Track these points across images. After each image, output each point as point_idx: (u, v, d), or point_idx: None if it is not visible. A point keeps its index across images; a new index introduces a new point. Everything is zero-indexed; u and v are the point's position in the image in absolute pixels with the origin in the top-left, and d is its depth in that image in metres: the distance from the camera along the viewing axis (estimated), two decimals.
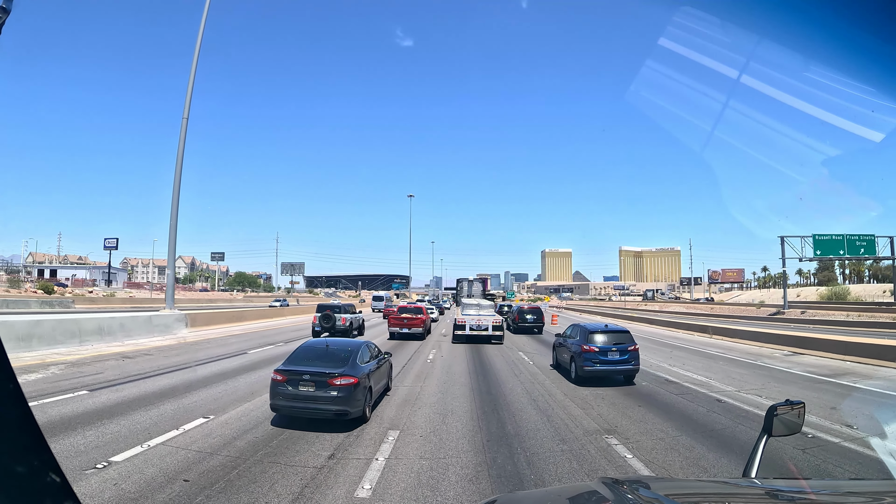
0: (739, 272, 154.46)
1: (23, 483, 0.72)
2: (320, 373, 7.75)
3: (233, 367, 13.55)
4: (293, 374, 7.77)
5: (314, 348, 8.90)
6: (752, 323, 40.16)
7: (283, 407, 7.79)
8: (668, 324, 37.37)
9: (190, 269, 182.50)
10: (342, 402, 7.60)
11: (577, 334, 13.18)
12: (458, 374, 13.80)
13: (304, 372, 7.79)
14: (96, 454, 6.14)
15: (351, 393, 7.68)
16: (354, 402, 7.76)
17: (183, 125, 23.57)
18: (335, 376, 7.67)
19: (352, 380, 7.75)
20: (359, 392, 7.87)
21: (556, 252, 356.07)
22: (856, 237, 54.02)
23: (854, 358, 16.45)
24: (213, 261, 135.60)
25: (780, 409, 2.09)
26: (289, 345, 19.32)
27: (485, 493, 5.36)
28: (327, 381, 7.63)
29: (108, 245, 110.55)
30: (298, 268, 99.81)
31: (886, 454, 4.47)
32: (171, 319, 21.04)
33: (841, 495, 1.88)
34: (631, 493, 1.61)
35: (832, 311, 53.98)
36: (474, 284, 62.90)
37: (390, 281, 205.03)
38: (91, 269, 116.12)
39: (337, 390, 7.62)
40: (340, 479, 5.72)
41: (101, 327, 17.72)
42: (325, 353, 8.63)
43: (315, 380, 7.67)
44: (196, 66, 24.19)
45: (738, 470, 2.26)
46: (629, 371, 12.49)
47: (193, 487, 5.26)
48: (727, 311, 72.49)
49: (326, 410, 7.60)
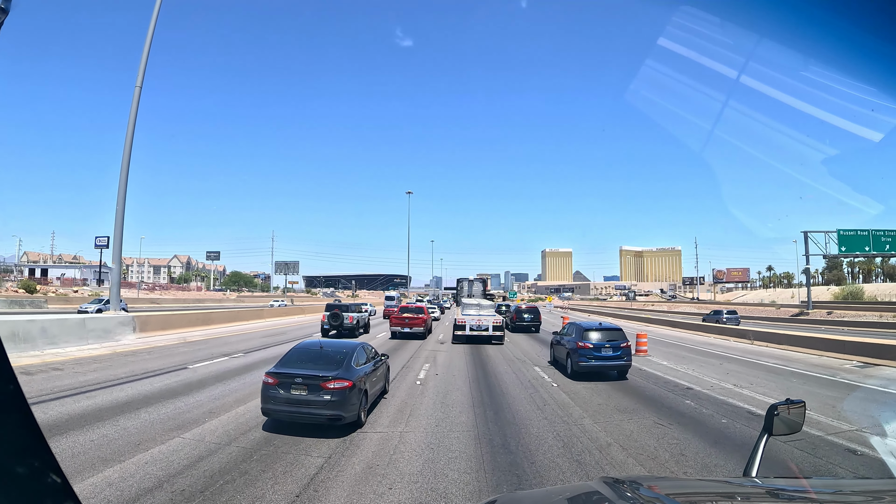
0: (744, 272, 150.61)
1: (23, 483, 0.73)
2: (313, 376, 7.38)
3: (153, 392, 9.96)
4: (285, 377, 7.37)
5: (308, 350, 8.49)
6: (780, 325, 36.68)
7: (275, 411, 7.42)
8: (693, 327, 33.76)
9: (186, 269, 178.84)
10: (336, 406, 7.23)
11: (573, 332, 13.73)
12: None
13: (297, 375, 7.40)
14: None
15: (345, 397, 7.33)
16: (349, 406, 7.40)
17: (135, 95, 20.15)
18: (329, 379, 7.33)
19: (346, 383, 7.42)
20: (354, 396, 7.53)
21: (557, 252, 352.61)
22: (881, 232, 50.21)
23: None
24: (209, 260, 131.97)
25: (780, 408, 2.06)
26: (248, 356, 16.00)
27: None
28: (320, 385, 7.27)
29: (100, 244, 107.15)
30: (293, 266, 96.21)
31: (887, 454, 4.51)
32: (113, 323, 17.38)
33: (841, 494, 1.86)
34: (631, 492, 1.61)
35: (859, 310, 50.32)
36: (474, 284, 62.53)
37: (389, 281, 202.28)
38: (83, 269, 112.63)
39: (331, 394, 7.25)
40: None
41: (15, 332, 14.19)
42: (318, 354, 8.25)
43: (308, 383, 7.30)
44: (154, 27, 20.71)
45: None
46: (622, 366, 13.10)
47: None
48: (742, 311, 68.92)
49: (320, 415, 7.23)
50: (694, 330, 32.05)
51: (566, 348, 13.67)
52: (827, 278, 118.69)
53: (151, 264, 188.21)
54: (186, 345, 18.10)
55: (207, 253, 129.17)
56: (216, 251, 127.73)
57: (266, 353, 16.27)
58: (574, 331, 13.71)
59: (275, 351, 15.95)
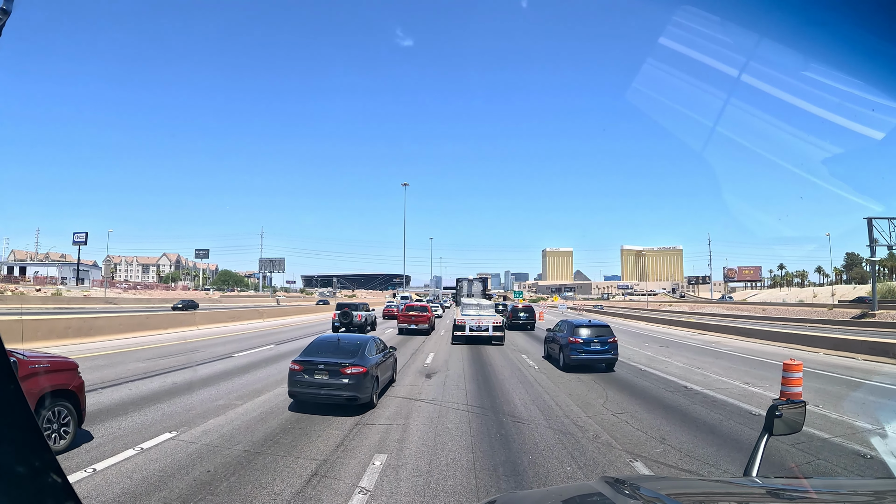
0: (756, 270, 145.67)
1: (24, 483, 0.72)
2: (333, 363, 8.63)
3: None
4: (309, 364, 8.66)
5: (327, 342, 9.89)
6: (852, 330, 31.07)
7: (300, 393, 8.66)
8: (732, 330, 28.46)
9: (175, 268, 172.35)
10: (353, 388, 8.48)
11: (565, 329, 15.07)
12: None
13: (319, 362, 8.66)
14: None
15: (360, 381, 8.57)
16: (363, 389, 8.63)
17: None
18: (346, 366, 8.57)
19: (361, 369, 8.65)
20: (367, 380, 8.75)
21: (557, 251, 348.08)
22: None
23: None
24: (197, 258, 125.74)
25: (781, 408, 2.05)
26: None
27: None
28: (340, 370, 8.53)
29: (77, 240, 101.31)
30: (278, 264, 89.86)
31: (888, 453, 4.49)
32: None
33: (842, 494, 1.83)
34: (632, 492, 1.59)
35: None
36: (474, 284, 61.84)
37: (388, 280, 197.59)
38: (61, 267, 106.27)
39: (348, 378, 8.50)
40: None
41: None
42: (336, 346, 9.57)
43: (329, 369, 8.56)
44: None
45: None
46: (609, 359, 14.21)
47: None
48: (782, 312, 63.04)
49: (339, 396, 8.49)
50: (732, 334, 26.92)
51: (559, 343, 14.92)
52: (850, 276, 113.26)
53: (140, 263, 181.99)
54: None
55: (196, 251, 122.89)
56: (205, 249, 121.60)
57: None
58: (566, 328, 15.02)
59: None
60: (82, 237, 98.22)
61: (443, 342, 21.89)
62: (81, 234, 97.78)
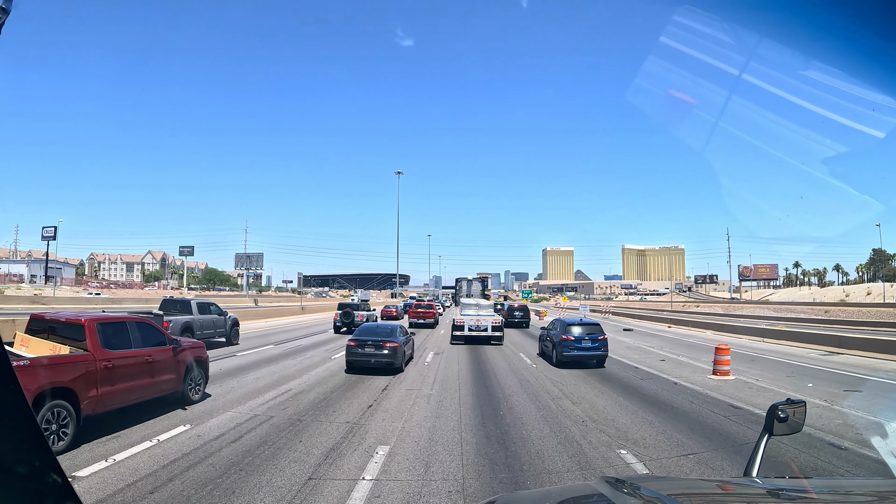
0: (772, 268, 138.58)
1: (24, 483, 0.73)
2: (377, 340, 13.20)
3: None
4: (360, 341, 13.16)
5: (369, 328, 14.92)
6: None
7: (355, 361, 12.99)
8: (797, 336, 23.32)
9: (161, 266, 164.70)
10: (391, 357, 13.01)
11: (558, 327, 16.06)
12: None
13: (367, 340, 13.23)
14: None
15: (395, 352, 13.10)
16: (398, 358, 13.20)
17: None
18: (387, 342, 13.18)
19: (395, 344, 13.25)
20: (399, 353, 13.31)
21: (558, 251, 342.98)
22: None
23: None
24: (182, 255, 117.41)
25: (781, 408, 2.01)
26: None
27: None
28: (382, 344, 13.07)
29: (46, 235, 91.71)
30: (256, 260, 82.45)
31: (888, 454, 4.47)
32: None
33: (842, 494, 1.82)
34: (632, 492, 1.58)
35: None
36: (473, 284, 61.76)
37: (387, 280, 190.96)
38: (30, 264, 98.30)
39: (388, 350, 13.01)
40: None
41: None
42: (376, 329, 14.42)
43: (374, 343, 13.09)
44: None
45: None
46: (600, 356, 15.25)
47: None
48: (838, 313, 54.05)
49: (382, 362, 12.90)
50: (799, 342, 21.84)
51: (552, 341, 16.07)
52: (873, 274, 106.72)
53: (125, 261, 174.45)
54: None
55: (181, 248, 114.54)
56: (189, 246, 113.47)
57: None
58: (559, 325, 16.16)
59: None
60: (51, 232, 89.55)
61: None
62: (50, 227, 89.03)
